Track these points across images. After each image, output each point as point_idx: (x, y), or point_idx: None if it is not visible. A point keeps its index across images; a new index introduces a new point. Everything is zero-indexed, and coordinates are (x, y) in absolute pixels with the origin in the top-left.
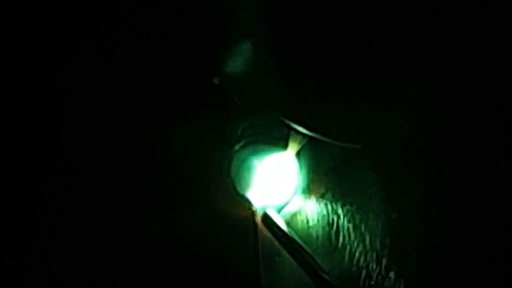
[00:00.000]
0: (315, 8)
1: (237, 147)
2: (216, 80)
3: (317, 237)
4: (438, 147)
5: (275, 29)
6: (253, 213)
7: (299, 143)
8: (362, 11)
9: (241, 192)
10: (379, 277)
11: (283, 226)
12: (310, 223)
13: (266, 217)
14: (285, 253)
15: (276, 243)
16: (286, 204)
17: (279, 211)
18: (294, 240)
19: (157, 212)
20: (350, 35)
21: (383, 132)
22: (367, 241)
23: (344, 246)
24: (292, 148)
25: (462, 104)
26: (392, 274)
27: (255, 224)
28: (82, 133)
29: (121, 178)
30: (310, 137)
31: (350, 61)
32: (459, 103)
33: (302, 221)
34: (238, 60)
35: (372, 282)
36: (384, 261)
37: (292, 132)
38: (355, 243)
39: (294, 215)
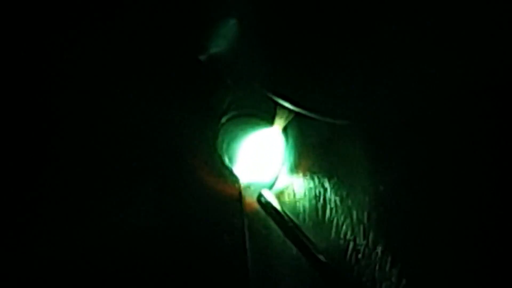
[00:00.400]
0: None
1: (223, 120)
2: (202, 58)
3: (304, 211)
4: (426, 121)
5: (261, 5)
6: (239, 189)
7: (286, 118)
8: None
9: (227, 168)
10: (366, 250)
11: (278, 207)
12: (297, 197)
13: (261, 198)
14: (271, 228)
15: (262, 218)
16: (273, 179)
17: (266, 186)
18: (290, 220)
19: (144, 186)
20: (337, 10)
21: (370, 107)
22: (354, 215)
23: (331, 219)
24: (279, 124)
25: (451, 77)
26: (379, 248)
27: (241, 199)
28: (68, 111)
29: (107, 154)
30: (296, 113)
31: (337, 36)
32: (447, 77)
33: (289, 195)
34: (224, 37)
35: (359, 256)
36: (371, 235)
37: (278, 108)
38: (342, 217)
39: (281, 190)
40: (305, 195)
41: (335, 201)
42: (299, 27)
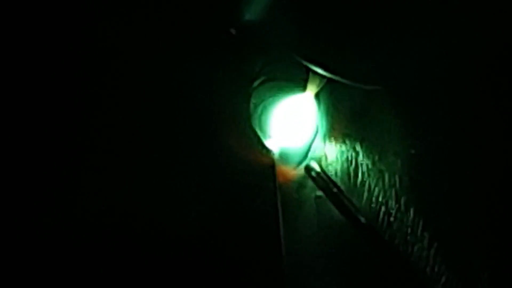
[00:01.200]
0: None
1: (255, 85)
2: (233, 31)
3: (337, 175)
4: (457, 86)
5: None
6: (272, 156)
7: (318, 84)
8: None
9: (260, 135)
10: (398, 213)
11: (323, 174)
12: (330, 162)
13: (307, 165)
14: (304, 197)
15: (295, 186)
16: (307, 146)
17: (299, 153)
18: (335, 185)
19: (177, 156)
20: None
21: (402, 73)
22: (386, 179)
23: (363, 183)
24: (311, 90)
25: (481, 43)
26: (411, 211)
27: (274, 167)
28: (103, 80)
29: (141, 125)
30: (329, 79)
31: (369, 4)
32: (477, 42)
33: (322, 160)
34: (257, 4)
35: (391, 219)
36: (403, 198)
37: (310, 74)
38: (374, 181)
39: (315, 156)
40: (337, 159)
41: (367, 165)
42: None
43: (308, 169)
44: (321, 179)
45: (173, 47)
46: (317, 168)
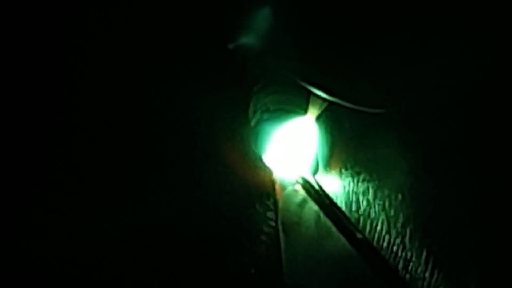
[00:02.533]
0: None
1: (257, 110)
2: (231, 46)
3: (336, 197)
4: (462, 112)
5: None
6: (272, 180)
7: (319, 108)
8: None
9: (261, 158)
10: (398, 238)
11: (317, 186)
12: (331, 188)
13: (301, 179)
14: (304, 218)
15: (294, 211)
16: (307, 169)
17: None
18: (328, 198)
19: (175, 175)
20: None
21: (406, 97)
22: (386, 203)
23: (363, 213)
24: (312, 113)
25: (485, 67)
26: (410, 235)
27: (274, 191)
28: (101, 95)
29: (140, 143)
30: (330, 102)
31: (371, 26)
32: (481, 67)
33: (322, 186)
34: (258, 26)
35: (391, 242)
36: (408, 233)
37: (312, 97)
38: (375, 212)
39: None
40: (338, 186)
41: (366, 188)
42: (332, 17)
43: (305, 184)
44: (318, 194)
45: (172, 68)
46: (315, 184)
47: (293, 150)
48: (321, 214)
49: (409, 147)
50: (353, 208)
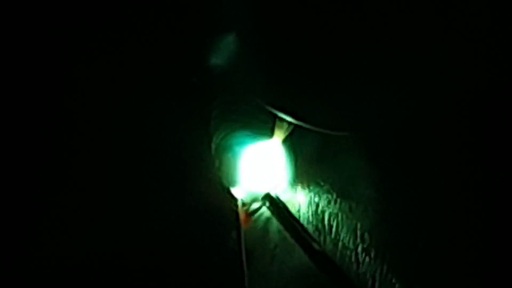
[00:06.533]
0: (299, 3)
1: (221, 135)
2: (194, 79)
3: (304, 220)
4: (421, 133)
5: (260, 22)
6: (236, 203)
7: (285, 131)
8: (346, 7)
9: (226, 182)
10: (360, 254)
11: (280, 204)
12: (298, 208)
13: (266, 197)
14: (268, 238)
15: (257, 233)
16: (273, 191)
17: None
18: (291, 215)
19: (145, 201)
20: (335, 28)
21: (367, 119)
22: (350, 219)
23: (329, 228)
24: (278, 136)
25: (445, 92)
26: (375, 254)
27: (238, 215)
28: (74, 128)
29: (112, 171)
30: (295, 125)
31: (336, 50)
32: (442, 91)
33: (289, 206)
34: (224, 52)
35: (359, 266)
36: (368, 246)
37: (277, 120)
38: (341, 227)
39: (282, 201)
40: (305, 205)
41: (331, 207)
42: (296, 41)
43: (267, 201)
44: (279, 210)
45: (140, 96)
46: (277, 200)
47: (259, 170)
48: (286, 236)
49: (368, 164)
50: (317, 220)
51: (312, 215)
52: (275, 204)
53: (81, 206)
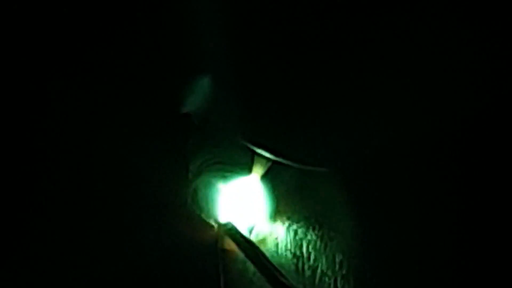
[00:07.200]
0: (275, 35)
1: (200, 172)
2: (181, 110)
3: (285, 257)
4: (401, 167)
5: (237, 59)
6: (217, 239)
7: (264, 167)
8: (325, 36)
9: (206, 218)
10: (345, 285)
11: (246, 235)
12: (277, 244)
13: (229, 227)
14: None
15: (240, 267)
16: (253, 227)
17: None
18: (255, 246)
19: (124, 238)
20: (312, 61)
21: (347, 154)
22: (330, 257)
23: (308, 255)
24: (257, 172)
25: (425, 124)
26: (357, 285)
27: (220, 250)
28: (48, 168)
29: (92, 207)
30: (274, 161)
31: (313, 85)
32: (421, 123)
33: (269, 242)
34: (201, 90)
35: None
36: (346, 274)
37: (256, 156)
38: (319, 254)
39: (261, 238)
40: (284, 241)
41: (311, 243)
42: (274, 79)
43: (234, 235)
44: (241, 236)
45: (117, 135)
46: (244, 235)
47: (239, 208)
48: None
49: (346, 194)
50: (295, 247)
51: (290, 242)
52: (243, 238)
53: (58, 245)
